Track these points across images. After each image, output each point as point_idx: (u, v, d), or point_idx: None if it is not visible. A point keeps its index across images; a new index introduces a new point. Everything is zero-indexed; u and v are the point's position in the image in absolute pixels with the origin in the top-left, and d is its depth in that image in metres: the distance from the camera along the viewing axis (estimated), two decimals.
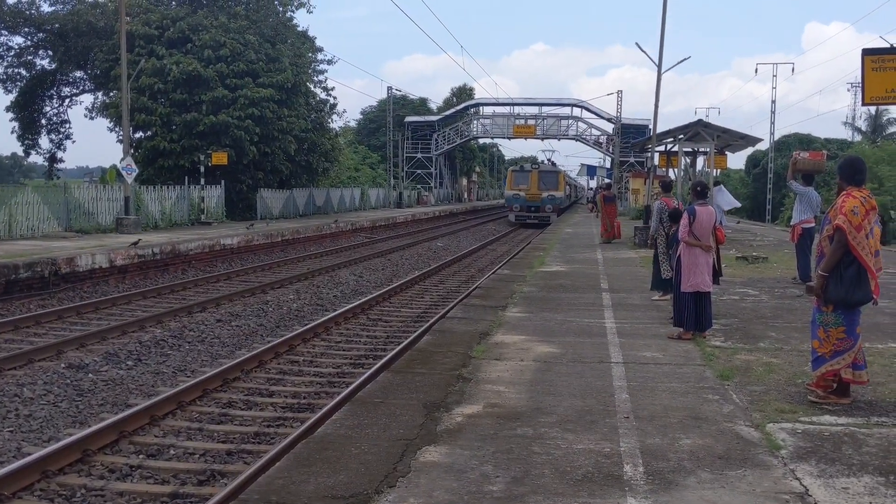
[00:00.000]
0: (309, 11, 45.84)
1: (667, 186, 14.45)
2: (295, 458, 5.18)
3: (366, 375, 9.12)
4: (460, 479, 4.79)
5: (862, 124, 63.84)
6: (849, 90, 68.98)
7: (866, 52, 12.28)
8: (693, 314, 9.18)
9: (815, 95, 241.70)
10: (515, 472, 4.91)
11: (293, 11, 41.04)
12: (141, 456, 7.07)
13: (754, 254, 19.33)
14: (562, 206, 48.94)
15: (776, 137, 57.15)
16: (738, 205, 26.61)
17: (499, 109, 68.59)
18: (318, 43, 52.11)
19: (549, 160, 56.40)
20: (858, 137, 62.07)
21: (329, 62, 51.56)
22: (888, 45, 12.79)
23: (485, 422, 5.94)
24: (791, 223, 14.73)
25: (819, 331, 6.49)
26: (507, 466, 5.01)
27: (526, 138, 67.21)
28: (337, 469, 4.94)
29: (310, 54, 41.23)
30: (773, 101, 54.26)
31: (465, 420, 5.98)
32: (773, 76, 55.00)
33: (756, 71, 63.43)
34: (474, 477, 4.82)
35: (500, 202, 74.09)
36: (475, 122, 69.04)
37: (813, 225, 13.98)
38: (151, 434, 7.67)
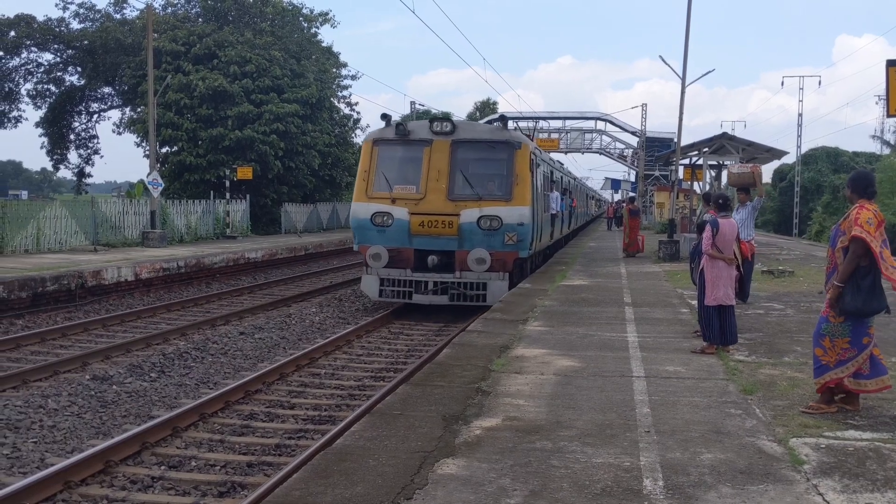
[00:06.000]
0: (333, 27, 46.36)
1: (708, 198, 14.30)
2: (313, 470, 5.18)
3: (386, 388, 9.13)
4: (478, 491, 4.77)
5: (890, 137, 63.10)
6: (877, 103, 68.24)
7: (891, 63, 12.14)
8: (717, 328, 9.10)
9: (843, 108, 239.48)
10: (533, 486, 4.87)
11: (318, 27, 41.54)
12: (163, 467, 7.11)
13: (780, 268, 19.11)
14: (534, 238, 16.90)
15: (804, 150, 56.70)
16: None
17: (522, 123, 68.58)
18: (343, 58, 52.47)
19: (497, 121, 17.36)
20: (887, 150, 61.33)
21: (353, 77, 51.78)
22: None
23: (503, 435, 5.91)
24: (746, 239, 13.90)
25: (824, 340, 6.51)
26: (525, 480, 4.97)
27: (549, 152, 67.03)
28: (354, 481, 4.94)
29: (334, 70, 41.59)
30: (800, 114, 53.92)
31: (483, 433, 5.95)
32: (800, 89, 54.59)
33: (783, 84, 63.02)
34: (492, 490, 4.80)
35: None
36: None
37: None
38: (173, 445, 7.72)
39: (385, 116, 16.30)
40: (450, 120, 15.64)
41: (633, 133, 63.52)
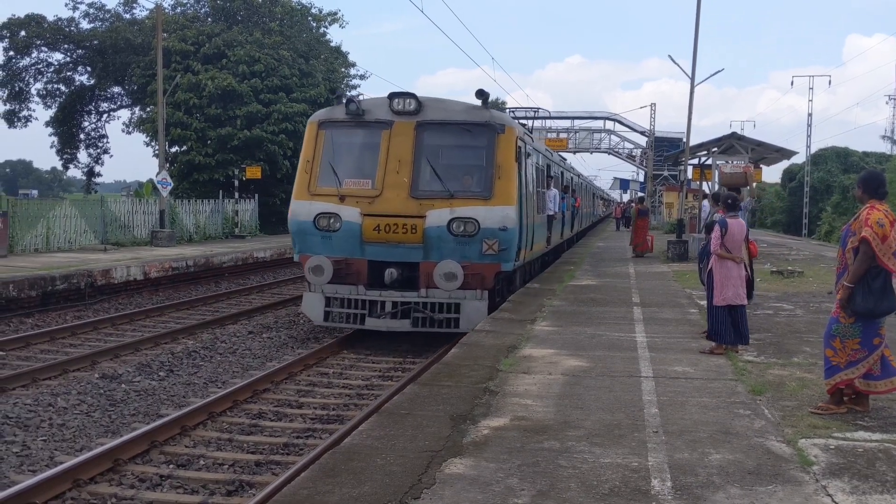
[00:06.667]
0: (342, 27, 46.37)
1: (717, 197, 14.25)
2: (321, 469, 5.19)
3: (394, 388, 9.13)
4: (485, 491, 4.77)
5: None
6: (887, 103, 67.99)
7: None
8: (729, 328, 9.06)
9: (854, 108, 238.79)
10: (541, 486, 4.87)
11: (326, 27, 41.55)
12: (171, 466, 7.13)
13: (789, 268, 19.05)
14: (523, 245, 13.62)
15: (813, 150, 56.47)
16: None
17: (530, 123, 68.48)
18: (351, 58, 52.53)
19: (480, 98, 12.77)
20: None
21: (362, 77, 51.74)
22: None
23: (511, 435, 5.90)
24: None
25: (835, 341, 6.49)
26: (532, 479, 4.97)
27: (558, 152, 66.97)
28: (362, 480, 4.94)
29: (343, 70, 41.59)
30: (810, 114, 53.67)
31: (491, 433, 5.95)
32: (810, 88, 54.39)
33: (792, 83, 62.95)
34: (499, 490, 4.79)
35: None
36: None
37: None
38: (182, 444, 7.73)
39: (333, 91, 14.34)
40: (414, 96, 12.50)
41: (642, 133, 63.42)
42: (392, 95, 12.63)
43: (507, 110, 18.33)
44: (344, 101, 12.84)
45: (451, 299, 11.98)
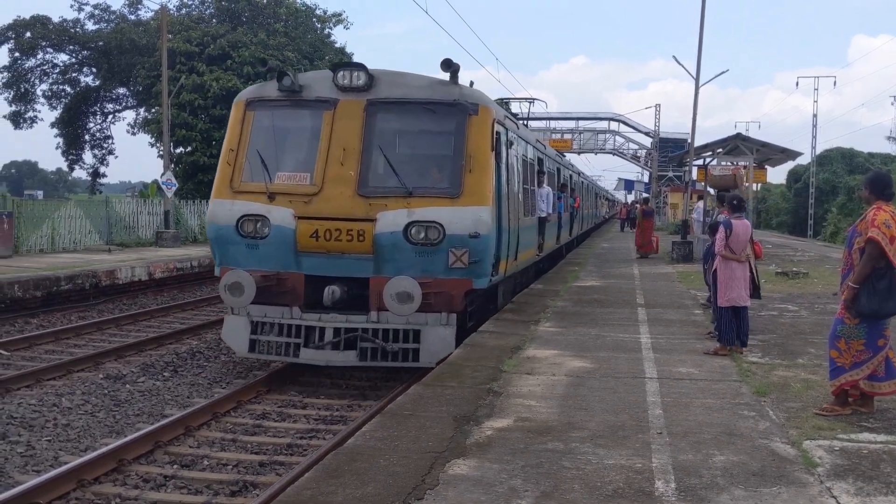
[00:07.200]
0: (346, 28, 46.44)
1: (722, 198, 14.22)
2: (324, 470, 5.19)
3: (398, 389, 9.12)
4: (489, 492, 4.76)
5: None
6: (892, 104, 67.91)
7: None
8: (733, 329, 9.05)
9: (859, 109, 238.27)
10: (545, 487, 4.86)
11: (331, 28, 41.60)
12: (175, 466, 7.13)
13: (794, 269, 19.02)
14: (505, 255, 11.26)
15: (818, 151, 56.37)
16: None
17: (534, 124, 68.54)
18: (356, 59, 52.60)
19: (448, 70, 10.45)
20: None
21: None
22: None
23: (515, 436, 5.90)
24: None
25: (840, 342, 6.48)
26: (536, 481, 4.96)
27: (563, 153, 66.97)
28: (365, 481, 4.94)
29: None
30: (815, 115, 53.54)
31: (494, 434, 5.94)
32: (815, 89, 54.27)
33: (797, 84, 62.97)
34: (503, 491, 4.79)
35: None
36: None
37: None
38: (186, 444, 7.74)
39: (264, 62, 10.91)
40: (363, 67, 10.21)
41: (647, 134, 63.41)
42: (336, 67, 10.44)
43: (500, 100, 16.40)
44: (278, 74, 10.46)
45: (409, 325, 9.63)
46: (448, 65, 10.29)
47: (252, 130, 10.38)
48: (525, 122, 17.25)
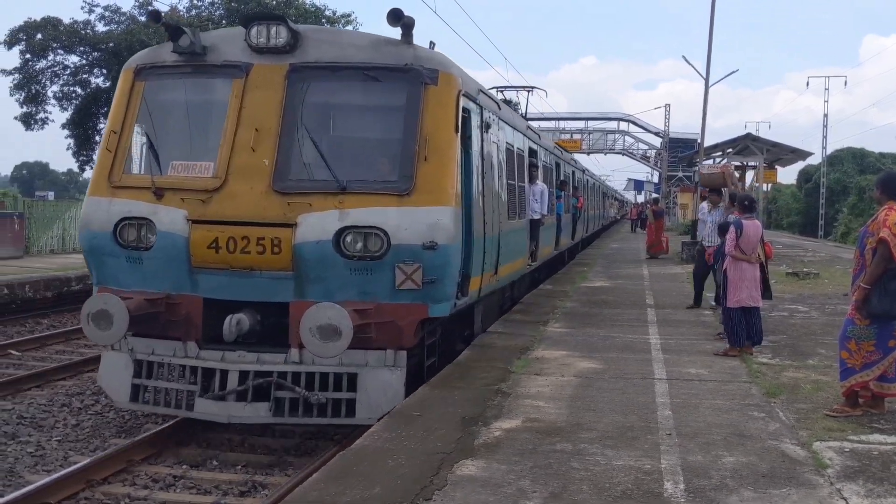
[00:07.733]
0: (355, 29, 46.43)
1: (733, 198, 14.08)
2: (331, 471, 5.19)
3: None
4: (497, 493, 4.75)
5: None
6: None
7: None
8: (743, 329, 9.02)
9: (870, 108, 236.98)
10: (553, 488, 4.85)
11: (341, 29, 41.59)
12: (184, 466, 7.14)
13: (805, 270, 18.94)
14: (480, 269, 8.82)
15: (829, 151, 56.09)
16: None
17: (544, 124, 68.46)
18: None
19: (398, 23, 7.54)
20: None
21: None
22: None
23: (523, 436, 5.88)
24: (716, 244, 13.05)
25: (850, 343, 6.46)
26: (544, 482, 4.95)
27: (572, 153, 66.91)
28: (373, 482, 4.93)
29: None
30: (826, 115, 53.27)
31: (503, 434, 5.93)
32: (826, 89, 53.97)
33: (808, 84, 62.74)
34: (511, 491, 4.78)
35: None
36: None
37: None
38: (195, 444, 7.75)
39: (157, 17, 9.48)
40: (284, 21, 7.76)
41: (657, 134, 63.23)
42: (249, 20, 7.95)
43: (495, 89, 14.06)
44: (174, 31, 7.99)
45: (342, 368, 7.16)
46: (397, 17, 7.54)
47: (140, 106, 7.99)
48: (524, 115, 15.71)
